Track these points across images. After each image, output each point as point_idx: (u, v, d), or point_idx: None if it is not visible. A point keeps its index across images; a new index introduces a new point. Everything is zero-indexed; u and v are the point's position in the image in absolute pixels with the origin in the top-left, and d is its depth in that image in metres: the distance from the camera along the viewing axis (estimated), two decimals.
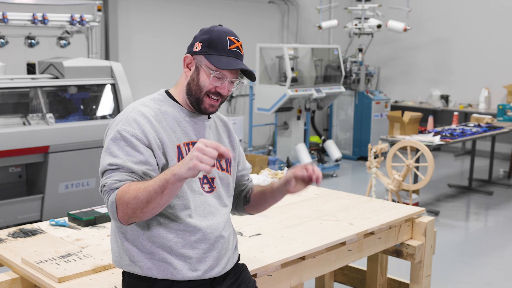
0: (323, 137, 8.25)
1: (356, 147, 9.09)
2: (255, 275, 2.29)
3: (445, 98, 9.59)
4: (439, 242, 3.76)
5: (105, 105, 5.61)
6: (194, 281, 1.90)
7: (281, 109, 7.49)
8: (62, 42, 5.78)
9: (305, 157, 7.40)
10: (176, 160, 1.87)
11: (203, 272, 1.90)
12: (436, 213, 6.02)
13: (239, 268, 2.09)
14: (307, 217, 2.97)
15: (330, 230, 2.76)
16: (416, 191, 5.74)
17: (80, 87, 5.48)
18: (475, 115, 7.62)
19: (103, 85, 5.56)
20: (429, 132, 6.28)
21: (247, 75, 1.95)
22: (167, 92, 1.99)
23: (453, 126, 7.03)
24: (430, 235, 3.11)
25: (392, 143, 5.85)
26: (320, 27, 9.13)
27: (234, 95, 9.16)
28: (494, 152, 7.76)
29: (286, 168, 4.15)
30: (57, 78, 5.32)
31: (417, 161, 5.72)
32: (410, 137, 5.98)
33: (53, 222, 2.75)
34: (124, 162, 1.78)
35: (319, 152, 8.06)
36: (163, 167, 1.85)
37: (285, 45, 7.48)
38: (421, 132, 6.33)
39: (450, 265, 4.67)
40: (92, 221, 2.77)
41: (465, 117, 9.27)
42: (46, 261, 2.24)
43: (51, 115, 5.09)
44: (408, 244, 3.07)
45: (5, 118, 4.94)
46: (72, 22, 5.69)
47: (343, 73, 8.16)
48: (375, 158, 5.56)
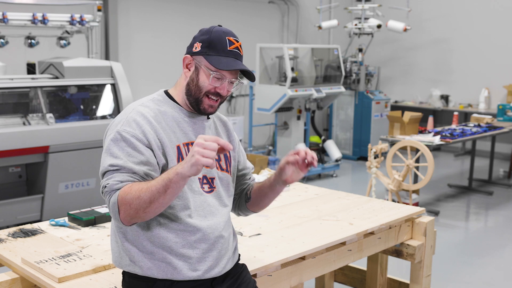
0: (323, 137, 8.24)
1: (356, 147, 9.09)
2: (255, 275, 2.29)
3: (445, 98, 9.59)
4: (439, 242, 3.76)
5: (105, 105, 5.61)
6: (194, 281, 1.90)
7: (281, 109, 7.48)
8: (62, 42, 5.78)
9: None
10: (176, 160, 1.87)
11: (203, 272, 1.90)
12: (436, 213, 6.02)
13: (239, 268, 2.09)
14: (307, 217, 2.97)
15: (330, 230, 2.76)
16: (416, 191, 5.74)
17: (80, 87, 5.48)
18: (475, 115, 7.62)
19: (103, 85, 5.56)
20: (429, 132, 6.28)
21: (247, 75, 1.94)
22: (167, 93, 1.99)
23: (453, 126, 7.03)
24: (430, 235, 3.11)
25: (392, 143, 5.85)
26: (320, 27, 9.13)
27: (234, 95, 9.16)
28: (494, 152, 7.76)
29: None
30: (57, 78, 5.32)
31: (417, 161, 5.72)
32: (410, 137, 5.97)
33: (53, 222, 2.76)
34: (125, 162, 1.78)
35: (319, 152, 8.06)
36: (163, 167, 1.85)
37: (285, 45, 7.48)
38: (421, 132, 6.33)
39: (450, 265, 4.67)
40: (92, 221, 2.77)
41: (465, 117, 9.27)
42: (46, 261, 2.24)
43: (51, 115, 5.09)
44: (408, 244, 3.07)
45: (5, 118, 4.94)
46: (72, 22, 5.69)
47: (343, 73, 8.15)
48: (375, 158, 5.56)
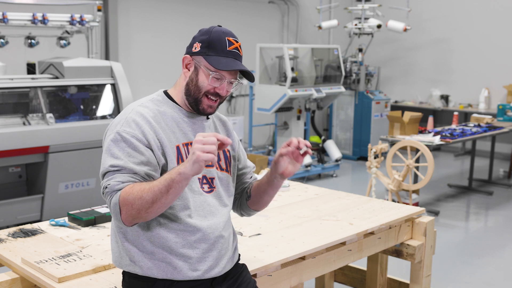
0: (323, 137, 8.24)
1: (356, 147, 9.09)
2: (255, 275, 2.29)
3: (445, 98, 9.59)
4: (439, 242, 3.76)
5: (105, 105, 5.61)
6: (194, 281, 1.90)
7: (281, 109, 7.48)
8: (62, 42, 5.78)
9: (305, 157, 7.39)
10: (175, 160, 1.87)
11: (203, 272, 1.90)
12: (436, 213, 6.02)
13: (239, 268, 2.09)
14: (307, 217, 2.96)
15: (330, 230, 2.76)
16: (416, 191, 5.74)
17: (80, 87, 5.48)
18: (475, 115, 7.62)
19: (103, 85, 5.56)
20: (429, 132, 6.28)
21: (246, 75, 1.94)
22: (166, 93, 1.99)
23: (453, 126, 7.03)
24: (430, 235, 3.11)
25: (392, 143, 5.85)
26: (320, 27, 9.13)
27: (234, 95, 9.16)
28: (494, 152, 7.76)
29: None
30: (57, 78, 5.32)
31: (417, 161, 5.72)
32: (410, 137, 5.97)
33: (53, 222, 2.75)
34: (125, 163, 1.78)
35: (319, 152, 8.06)
36: (162, 168, 1.85)
37: (285, 45, 7.48)
38: (421, 132, 6.33)
39: (450, 265, 4.67)
40: (92, 221, 2.77)
41: (465, 117, 9.27)
42: (46, 261, 2.24)
43: (51, 115, 5.09)
44: (408, 244, 3.06)
45: (5, 118, 4.94)
46: (72, 22, 5.69)
47: (343, 73, 8.15)
48: (375, 158, 5.56)
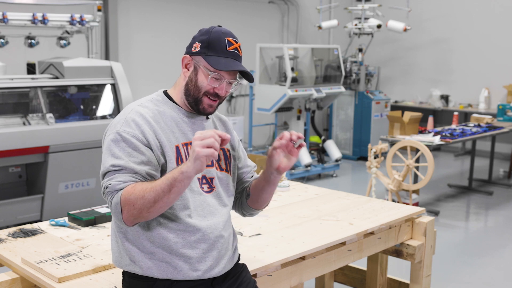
0: (323, 137, 8.24)
1: (356, 147, 9.09)
2: (255, 275, 2.29)
3: (445, 98, 9.59)
4: (439, 242, 3.76)
5: (105, 105, 5.61)
6: (194, 281, 1.90)
7: (281, 109, 7.48)
8: (62, 42, 5.78)
9: (305, 157, 7.40)
10: (174, 160, 1.87)
11: (203, 272, 1.90)
12: (436, 213, 6.02)
13: (239, 268, 2.09)
14: (307, 217, 2.96)
15: (330, 230, 2.76)
16: (416, 191, 5.74)
17: (80, 87, 5.48)
18: (475, 115, 7.62)
19: (103, 85, 5.56)
20: (429, 132, 6.28)
21: (245, 76, 1.95)
22: (166, 93, 1.99)
23: (453, 126, 7.03)
24: (430, 235, 3.11)
25: (392, 143, 5.85)
26: (320, 27, 9.13)
27: (234, 95, 9.17)
28: (494, 152, 7.76)
29: None
30: (57, 78, 5.32)
31: (417, 161, 5.72)
32: (410, 137, 5.97)
33: (53, 222, 2.75)
34: (126, 163, 1.78)
35: (319, 152, 8.06)
36: (162, 167, 1.85)
37: (285, 45, 7.48)
38: (421, 132, 6.33)
39: (450, 265, 4.67)
40: (92, 221, 2.77)
41: (465, 117, 9.27)
42: (46, 261, 2.24)
43: (51, 115, 5.09)
44: (408, 244, 3.06)
45: (5, 118, 4.94)
46: (72, 22, 5.69)
47: (343, 73, 8.15)
48: (375, 158, 5.56)
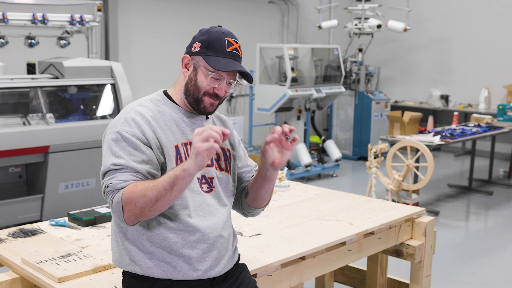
0: (323, 137, 8.24)
1: (356, 147, 9.09)
2: (255, 275, 2.29)
3: (445, 98, 9.59)
4: (439, 242, 3.76)
5: (105, 105, 5.61)
6: (194, 281, 1.90)
7: (281, 109, 7.48)
8: (62, 42, 5.78)
9: (305, 157, 7.40)
10: (174, 160, 1.87)
11: (203, 272, 1.90)
12: (436, 213, 6.02)
13: (239, 268, 2.09)
14: (307, 217, 2.97)
15: (330, 230, 2.76)
16: (416, 191, 5.74)
17: (80, 87, 5.48)
18: (475, 115, 7.62)
19: (103, 85, 5.56)
20: (429, 132, 6.28)
21: (245, 76, 1.95)
22: (165, 93, 1.99)
23: (453, 126, 7.03)
24: (430, 235, 3.11)
25: (392, 143, 5.85)
26: (320, 27, 9.13)
27: (234, 95, 9.17)
28: (494, 152, 7.76)
29: (286, 168, 4.11)
30: (57, 78, 5.32)
31: (417, 161, 5.72)
32: (410, 137, 5.97)
33: (53, 222, 2.76)
34: (127, 162, 1.78)
35: (319, 152, 8.06)
36: (162, 167, 1.85)
37: (285, 45, 7.48)
38: (421, 132, 6.33)
39: (450, 265, 4.67)
40: (92, 221, 2.77)
41: (465, 117, 9.27)
42: (46, 261, 2.24)
43: (51, 115, 5.09)
44: (408, 244, 3.07)
45: (5, 118, 4.94)
46: (72, 22, 5.69)
47: (343, 73, 8.15)
48: (375, 158, 5.56)
